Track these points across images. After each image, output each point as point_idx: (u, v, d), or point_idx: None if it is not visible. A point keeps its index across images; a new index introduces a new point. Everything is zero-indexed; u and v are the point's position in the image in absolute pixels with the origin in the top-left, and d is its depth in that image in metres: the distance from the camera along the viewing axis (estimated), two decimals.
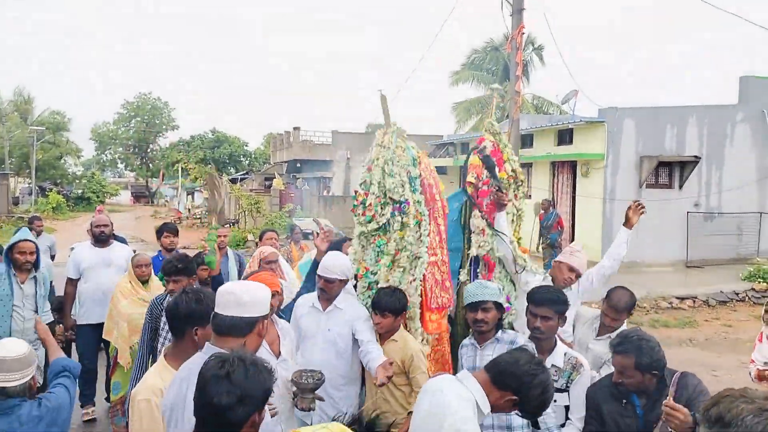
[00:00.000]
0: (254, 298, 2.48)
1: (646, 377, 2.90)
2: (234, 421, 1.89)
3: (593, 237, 16.49)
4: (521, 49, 12.04)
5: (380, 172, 4.11)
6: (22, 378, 2.67)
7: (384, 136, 4.23)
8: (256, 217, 25.39)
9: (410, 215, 4.03)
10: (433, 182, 4.37)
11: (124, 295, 5.36)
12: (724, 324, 11.47)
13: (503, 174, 4.43)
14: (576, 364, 3.36)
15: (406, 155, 4.16)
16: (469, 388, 2.45)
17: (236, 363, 1.93)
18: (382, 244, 4.09)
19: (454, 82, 32.80)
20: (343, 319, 3.86)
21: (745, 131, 17.58)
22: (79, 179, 51.37)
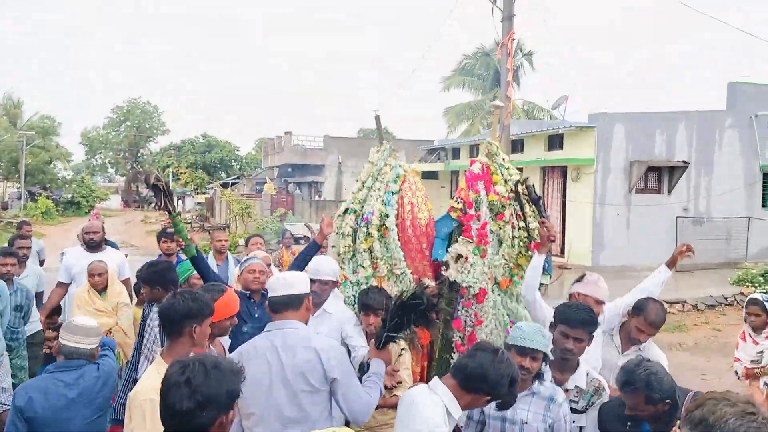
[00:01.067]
0: (297, 279, 3.13)
1: (659, 407, 2.80)
2: (198, 425, 1.88)
3: (583, 242, 16.60)
4: (512, 54, 12.12)
5: (361, 186, 4.32)
6: (91, 344, 3.37)
7: (376, 153, 4.43)
8: (247, 222, 25.35)
9: (373, 225, 4.15)
10: (417, 201, 4.39)
11: (80, 306, 5.22)
12: (713, 328, 11.55)
13: (492, 197, 4.30)
14: (599, 387, 3.28)
15: (390, 172, 4.32)
16: (439, 394, 2.53)
17: (196, 367, 1.91)
18: (355, 252, 4.31)
19: (446, 87, 32.93)
20: (332, 323, 3.87)
21: (733, 137, 17.76)
22: (68, 184, 51.07)
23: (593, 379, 3.30)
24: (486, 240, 4.24)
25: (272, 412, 2.84)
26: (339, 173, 35.23)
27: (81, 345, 3.37)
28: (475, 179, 4.39)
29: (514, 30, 11.64)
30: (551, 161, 17.81)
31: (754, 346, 5.12)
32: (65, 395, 3.24)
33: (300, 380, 2.84)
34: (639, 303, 3.85)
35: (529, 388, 3.07)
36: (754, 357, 5.12)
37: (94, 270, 5.33)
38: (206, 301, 3.04)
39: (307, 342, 2.91)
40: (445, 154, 25.06)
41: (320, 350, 2.87)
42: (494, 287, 4.27)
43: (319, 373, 2.85)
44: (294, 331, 2.95)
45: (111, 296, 5.34)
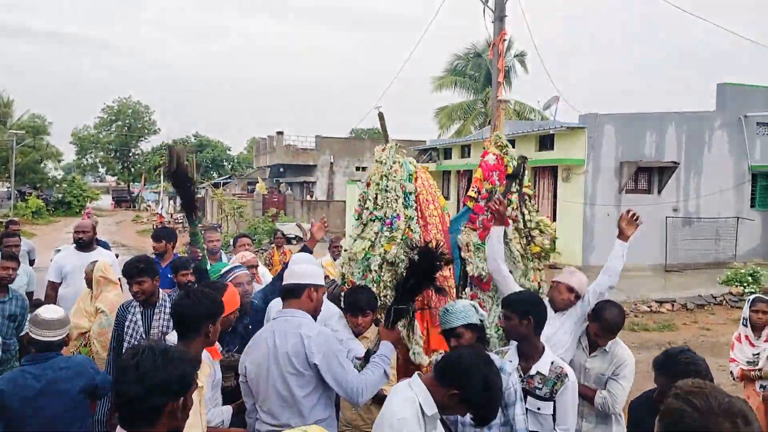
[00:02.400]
0: (303, 269, 3.28)
1: None
2: (145, 410, 1.87)
3: (574, 242, 16.65)
4: (503, 55, 12.14)
5: (375, 188, 4.16)
6: (60, 335, 3.53)
7: (383, 152, 4.29)
8: (239, 222, 25.31)
9: (399, 230, 4.04)
10: (431, 198, 4.38)
11: (78, 301, 5.21)
12: (702, 327, 11.63)
13: (502, 188, 4.37)
14: (561, 374, 3.27)
15: (402, 170, 4.19)
16: (414, 389, 2.47)
17: (146, 352, 1.91)
18: (370, 256, 4.10)
19: (437, 87, 32.90)
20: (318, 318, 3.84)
21: (722, 137, 17.88)
22: (59, 183, 50.80)
23: (557, 366, 3.30)
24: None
25: (271, 392, 3.07)
26: (331, 173, 35.20)
27: (50, 338, 3.49)
28: (491, 170, 4.40)
29: (506, 31, 11.65)
30: (542, 161, 17.87)
31: (750, 348, 5.14)
32: (34, 386, 3.31)
33: (287, 363, 3.04)
34: (596, 307, 3.88)
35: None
36: (750, 359, 5.14)
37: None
38: (220, 300, 3.12)
39: (296, 328, 3.09)
40: (436, 155, 25.09)
41: (305, 336, 3.05)
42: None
43: (302, 357, 3.03)
44: (291, 318, 3.15)
45: (95, 300, 5.12)
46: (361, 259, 4.14)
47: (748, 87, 18.49)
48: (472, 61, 32.48)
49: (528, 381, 3.29)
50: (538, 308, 3.39)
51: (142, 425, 1.88)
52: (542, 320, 3.40)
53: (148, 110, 67.29)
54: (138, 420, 1.88)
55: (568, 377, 3.27)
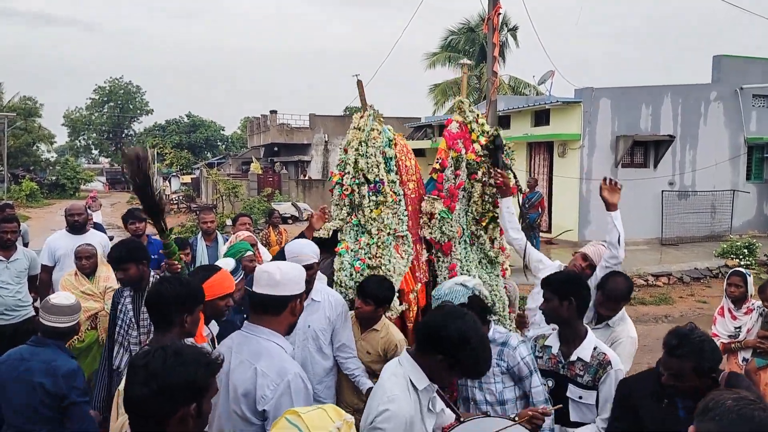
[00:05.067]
0: (287, 278, 2.59)
1: (702, 381, 2.55)
2: (154, 414, 1.75)
3: (570, 217, 16.66)
4: (498, 30, 12.00)
5: (355, 153, 4.17)
6: (70, 322, 3.45)
7: (360, 119, 4.29)
8: (234, 202, 25.24)
9: (386, 194, 4.09)
10: (410, 164, 4.39)
11: (65, 288, 5.04)
12: (698, 300, 11.69)
13: (471, 156, 4.36)
14: (604, 361, 3.10)
15: (381, 137, 4.20)
16: (404, 365, 2.39)
17: (157, 353, 1.80)
18: (357, 223, 4.16)
19: (431, 63, 32.66)
20: (323, 312, 3.67)
21: (718, 110, 17.81)
22: (52, 166, 50.57)
23: (599, 352, 3.14)
24: (456, 198, 4.30)
25: (216, 426, 2.53)
26: (325, 152, 35.07)
27: (58, 324, 3.40)
28: (455, 138, 4.39)
29: (500, 5, 11.52)
30: (537, 137, 17.79)
31: (732, 321, 5.30)
32: (16, 368, 3.27)
33: (235, 400, 2.48)
34: (602, 278, 3.88)
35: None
36: (731, 332, 5.26)
37: (82, 253, 5.18)
38: (196, 287, 2.89)
39: (254, 357, 2.50)
40: (431, 132, 24.98)
41: (259, 373, 2.44)
42: (461, 240, 4.32)
43: (251, 399, 2.44)
44: (253, 338, 2.57)
45: (99, 280, 5.22)
46: (349, 224, 4.19)
47: (744, 59, 18.37)
48: (465, 36, 32.20)
49: (569, 367, 3.16)
50: (581, 289, 3.23)
51: (150, 430, 1.77)
52: (585, 303, 3.25)
53: (140, 91, 66.91)
54: (146, 424, 1.77)
55: (611, 365, 3.10)
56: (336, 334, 3.69)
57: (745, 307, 5.21)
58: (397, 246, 4.13)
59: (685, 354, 2.55)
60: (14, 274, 5.74)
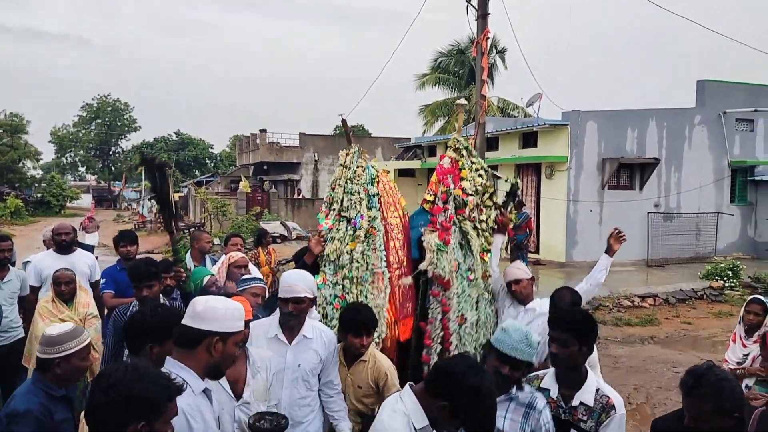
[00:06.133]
0: (208, 311, 2.34)
1: (726, 421, 2.44)
2: (107, 423, 1.80)
3: (557, 238, 16.80)
4: (486, 53, 12.17)
5: (341, 190, 4.34)
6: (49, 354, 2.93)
7: (346, 156, 4.46)
8: (222, 221, 25.15)
9: (362, 229, 4.21)
10: (392, 201, 4.52)
11: (43, 316, 4.87)
12: (683, 321, 11.79)
13: (457, 191, 4.49)
14: (607, 405, 2.94)
15: (365, 174, 4.37)
16: (405, 402, 2.35)
17: (121, 367, 1.87)
18: (337, 256, 4.26)
19: (421, 84, 32.90)
20: (313, 350, 3.47)
21: (702, 134, 18.12)
22: (38, 183, 50.16)
23: (602, 395, 2.97)
24: (449, 232, 4.40)
25: None
26: (315, 171, 35.12)
27: (39, 354, 3.02)
28: (446, 173, 4.54)
29: (489, 29, 11.70)
30: (525, 159, 17.97)
31: (742, 348, 5.22)
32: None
33: None
34: (553, 292, 4.20)
35: (507, 393, 2.91)
36: (740, 359, 5.23)
37: (61, 278, 4.96)
38: (168, 319, 2.76)
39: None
40: (421, 152, 25.12)
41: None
42: (457, 274, 4.40)
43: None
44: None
45: (78, 306, 5.03)
46: (332, 259, 4.28)
47: (727, 83, 18.75)
48: (455, 57, 32.52)
49: (572, 412, 2.98)
50: (596, 332, 3.07)
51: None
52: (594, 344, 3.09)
53: (128, 108, 66.79)
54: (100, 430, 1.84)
55: (615, 409, 2.94)
56: (325, 371, 3.52)
57: (756, 335, 5.08)
58: (373, 282, 4.19)
59: (703, 395, 2.44)
60: (8, 295, 5.69)
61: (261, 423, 2.95)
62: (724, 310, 12.39)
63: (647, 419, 6.71)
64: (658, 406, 7.25)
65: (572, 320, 2.98)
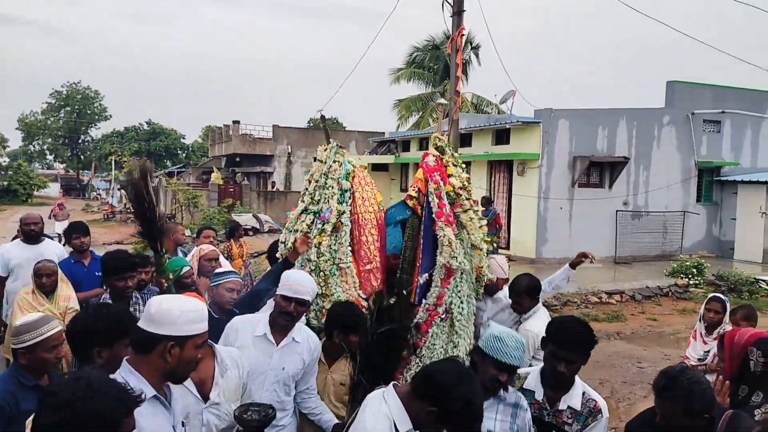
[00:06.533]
0: (162, 314, 2.21)
1: (695, 422, 2.52)
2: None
3: (528, 234, 16.99)
4: (461, 50, 12.26)
5: (314, 185, 4.37)
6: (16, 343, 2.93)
7: (324, 152, 4.49)
8: (194, 212, 24.92)
9: (330, 223, 4.21)
10: (368, 195, 4.52)
11: (23, 308, 4.76)
12: (649, 318, 12.04)
13: (449, 187, 4.50)
14: (594, 409, 3.00)
15: (341, 169, 4.39)
16: (389, 404, 2.30)
17: (69, 382, 1.74)
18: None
19: (396, 79, 32.94)
20: (299, 354, 3.41)
21: (671, 134, 18.44)
22: (4, 170, 49.09)
23: (589, 399, 3.03)
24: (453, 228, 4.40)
25: None
26: (288, 163, 34.95)
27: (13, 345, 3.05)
28: (432, 171, 4.55)
29: (464, 26, 11.77)
30: (498, 155, 18.12)
31: (702, 345, 5.33)
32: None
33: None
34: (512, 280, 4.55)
35: (496, 396, 2.93)
36: (701, 356, 5.34)
37: (43, 270, 4.85)
38: (116, 320, 2.68)
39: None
40: (395, 147, 25.17)
41: None
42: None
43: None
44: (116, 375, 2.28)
45: (59, 299, 4.92)
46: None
47: (696, 85, 19.10)
48: (430, 53, 32.60)
49: (556, 415, 3.01)
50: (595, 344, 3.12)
51: None
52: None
53: (99, 96, 65.60)
54: None
55: (601, 413, 3.01)
56: (305, 378, 3.49)
57: (716, 333, 5.16)
58: (341, 276, 4.20)
59: (675, 396, 2.53)
60: None
61: (249, 415, 2.86)
62: (688, 307, 12.68)
63: (612, 413, 6.85)
64: (622, 400, 7.41)
65: (582, 340, 2.99)
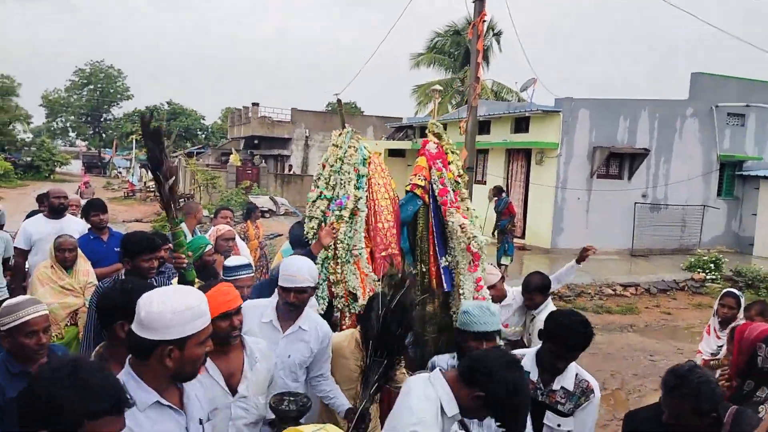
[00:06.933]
0: (153, 318, 1.97)
1: (702, 421, 2.53)
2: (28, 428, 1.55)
3: (544, 224, 16.93)
4: (482, 36, 12.17)
5: (330, 169, 4.35)
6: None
7: (339, 136, 4.47)
8: (212, 193, 25.12)
9: (347, 209, 4.22)
10: (382, 182, 4.53)
11: (43, 282, 4.80)
12: (663, 311, 11.99)
13: (450, 174, 4.56)
14: (587, 389, 3.09)
15: (357, 155, 4.37)
16: (436, 388, 2.32)
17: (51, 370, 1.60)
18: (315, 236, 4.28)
19: (416, 64, 32.78)
20: (306, 342, 3.31)
21: (693, 126, 18.21)
22: (28, 146, 49.69)
23: (582, 380, 3.11)
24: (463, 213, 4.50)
25: None
26: (306, 147, 35.02)
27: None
28: (435, 158, 4.60)
29: (486, 12, 11.68)
30: (516, 144, 18.03)
31: (716, 340, 5.31)
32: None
33: None
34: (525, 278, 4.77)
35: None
36: (714, 350, 5.33)
37: (65, 245, 4.85)
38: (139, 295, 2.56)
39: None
40: (412, 133, 25.11)
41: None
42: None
43: None
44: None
45: (78, 274, 4.94)
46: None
47: (721, 77, 18.80)
48: (451, 38, 32.37)
49: (549, 395, 3.09)
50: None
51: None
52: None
53: (121, 75, 66.07)
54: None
55: (593, 393, 3.11)
56: (315, 365, 3.39)
57: (730, 328, 5.23)
58: (356, 263, 4.24)
59: (683, 395, 2.52)
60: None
61: (286, 406, 2.79)
62: (704, 302, 12.60)
63: (622, 404, 6.88)
64: (632, 392, 7.42)
65: (585, 342, 3.05)
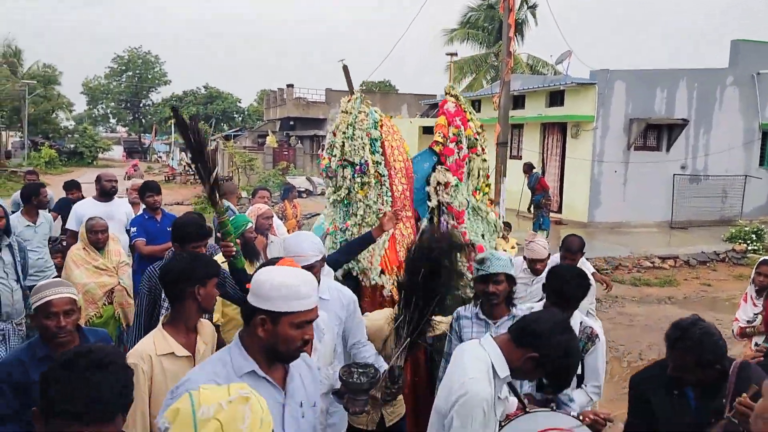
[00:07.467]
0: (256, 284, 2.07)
1: (707, 372, 2.59)
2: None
3: (581, 198, 16.82)
4: (514, 10, 12.10)
5: (342, 136, 4.41)
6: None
7: (348, 102, 4.53)
8: (250, 175, 25.56)
9: (370, 175, 4.32)
10: (396, 144, 4.59)
11: (77, 263, 4.99)
12: (703, 283, 11.88)
13: (469, 132, 4.70)
14: (591, 335, 3.30)
15: (368, 119, 4.44)
16: (488, 350, 2.38)
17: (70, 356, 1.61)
18: (347, 204, 4.42)
19: (449, 40, 32.49)
20: (332, 311, 3.26)
21: (734, 95, 17.77)
22: (71, 134, 51.03)
23: (586, 327, 3.31)
24: (462, 170, 4.63)
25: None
26: None
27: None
28: (454, 116, 4.73)
29: None
30: (551, 117, 17.86)
31: (753, 308, 5.32)
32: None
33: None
34: (563, 239, 4.92)
35: (508, 314, 3.30)
36: (750, 318, 5.38)
37: (97, 227, 5.06)
38: (208, 261, 2.87)
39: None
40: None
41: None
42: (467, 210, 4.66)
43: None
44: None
45: (111, 254, 5.18)
46: (341, 206, 4.41)
47: (762, 44, 18.26)
48: (485, 12, 31.96)
49: None
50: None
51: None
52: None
53: (159, 60, 67.11)
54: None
55: (598, 338, 3.33)
56: (350, 333, 3.40)
57: (766, 295, 5.09)
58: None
59: (686, 347, 2.57)
60: (42, 238, 6.06)
61: (357, 378, 2.80)
62: (745, 273, 12.41)
63: None
64: None
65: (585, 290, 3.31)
